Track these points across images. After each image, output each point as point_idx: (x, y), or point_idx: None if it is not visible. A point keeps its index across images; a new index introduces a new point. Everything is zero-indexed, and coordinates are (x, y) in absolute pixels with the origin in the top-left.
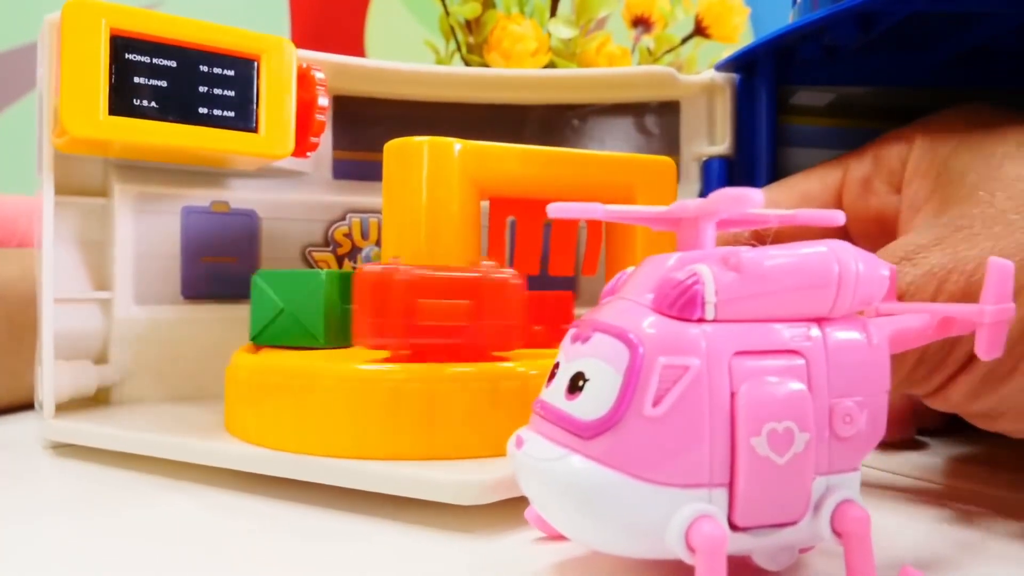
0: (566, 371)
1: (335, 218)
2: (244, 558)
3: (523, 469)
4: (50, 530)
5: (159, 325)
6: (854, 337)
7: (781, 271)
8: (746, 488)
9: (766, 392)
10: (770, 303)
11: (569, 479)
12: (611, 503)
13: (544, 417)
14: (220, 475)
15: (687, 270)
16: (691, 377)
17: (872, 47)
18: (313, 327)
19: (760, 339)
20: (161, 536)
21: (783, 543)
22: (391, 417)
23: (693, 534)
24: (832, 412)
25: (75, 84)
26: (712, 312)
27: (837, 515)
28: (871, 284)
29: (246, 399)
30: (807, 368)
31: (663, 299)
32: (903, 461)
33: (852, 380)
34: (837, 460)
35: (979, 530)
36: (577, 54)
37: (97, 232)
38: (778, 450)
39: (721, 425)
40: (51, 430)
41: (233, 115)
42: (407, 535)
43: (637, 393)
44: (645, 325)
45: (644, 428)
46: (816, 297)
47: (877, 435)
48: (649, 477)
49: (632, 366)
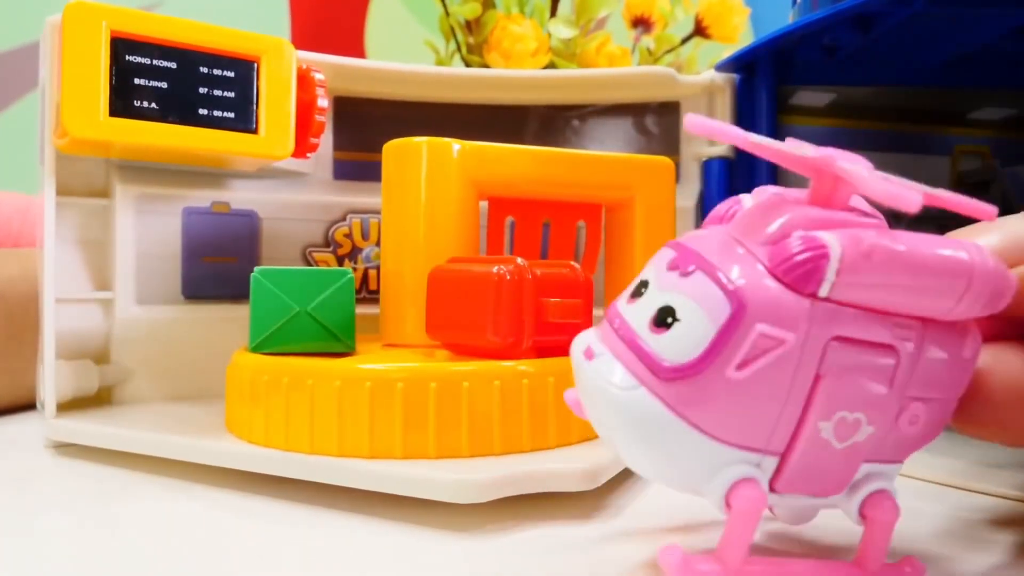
0: (656, 299)
1: (335, 218)
2: (245, 557)
3: (590, 385)
4: (51, 529)
5: (160, 325)
6: (950, 344)
7: (913, 265)
8: (796, 463)
9: (851, 385)
10: (888, 296)
11: (635, 414)
12: (668, 446)
13: (621, 337)
14: (221, 475)
15: (815, 238)
16: (783, 352)
17: (872, 47)
18: (342, 331)
19: (863, 330)
20: (162, 535)
21: (807, 506)
22: (391, 416)
23: (734, 493)
24: (903, 410)
25: (76, 85)
26: (827, 291)
27: (870, 501)
28: (996, 295)
29: (247, 399)
30: (896, 367)
31: (781, 261)
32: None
33: (932, 383)
34: (889, 452)
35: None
36: (577, 54)
37: (98, 232)
38: (840, 437)
39: (796, 401)
40: (53, 429)
41: (233, 116)
42: (406, 534)
43: (725, 352)
44: (752, 284)
45: (722, 387)
46: (938, 300)
47: (933, 435)
48: (710, 431)
49: (729, 325)
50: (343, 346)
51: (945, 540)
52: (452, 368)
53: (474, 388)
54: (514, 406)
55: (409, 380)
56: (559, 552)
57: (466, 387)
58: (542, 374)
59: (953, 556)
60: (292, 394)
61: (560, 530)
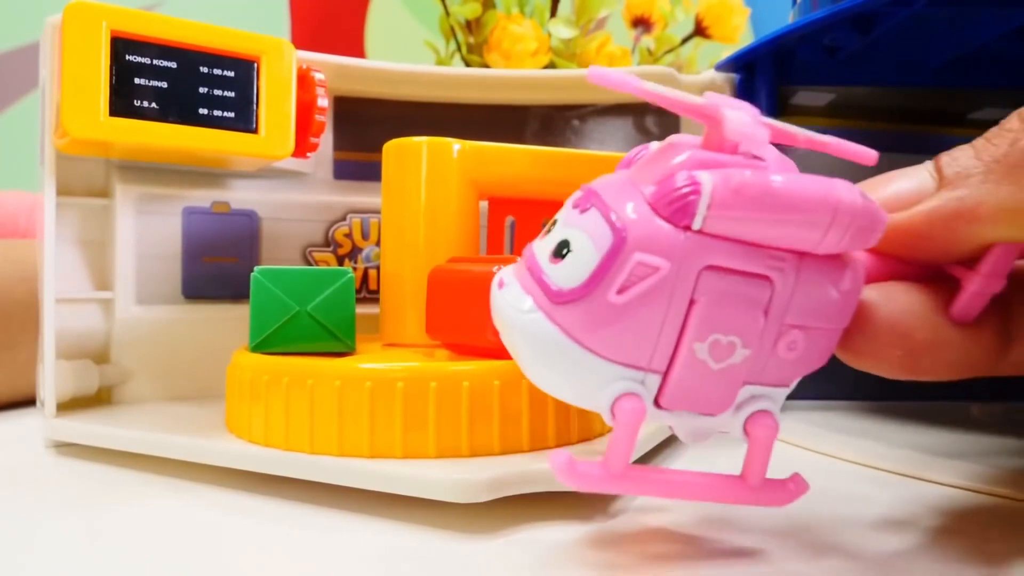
0: (559, 234)
1: (335, 218)
2: (245, 557)
3: (499, 311)
4: (50, 529)
5: (160, 325)
6: (827, 277)
7: (778, 203)
8: (677, 381)
9: (724, 309)
10: (758, 229)
11: (533, 334)
12: (562, 363)
13: (528, 268)
14: (221, 474)
15: (691, 176)
16: (658, 278)
17: (872, 47)
18: (342, 331)
19: (736, 259)
20: (162, 535)
21: (700, 426)
22: (391, 416)
23: (618, 406)
24: (780, 336)
25: (76, 85)
26: (700, 224)
27: (752, 419)
28: (865, 230)
29: (247, 398)
30: (771, 294)
31: (660, 197)
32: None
33: (810, 314)
34: (770, 375)
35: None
36: (577, 54)
37: (98, 232)
38: (716, 358)
39: (672, 324)
40: (53, 429)
41: (233, 116)
42: (406, 534)
43: (607, 278)
44: (634, 218)
45: (604, 310)
46: (807, 231)
47: (818, 363)
48: (598, 351)
49: (610, 254)
50: (343, 346)
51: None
52: (452, 368)
53: (474, 388)
54: (514, 406)
55: (409, 380)
56: (559, 552)
57: (466, 387)
58: None
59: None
60: (292, 394)
61: (560, 530)
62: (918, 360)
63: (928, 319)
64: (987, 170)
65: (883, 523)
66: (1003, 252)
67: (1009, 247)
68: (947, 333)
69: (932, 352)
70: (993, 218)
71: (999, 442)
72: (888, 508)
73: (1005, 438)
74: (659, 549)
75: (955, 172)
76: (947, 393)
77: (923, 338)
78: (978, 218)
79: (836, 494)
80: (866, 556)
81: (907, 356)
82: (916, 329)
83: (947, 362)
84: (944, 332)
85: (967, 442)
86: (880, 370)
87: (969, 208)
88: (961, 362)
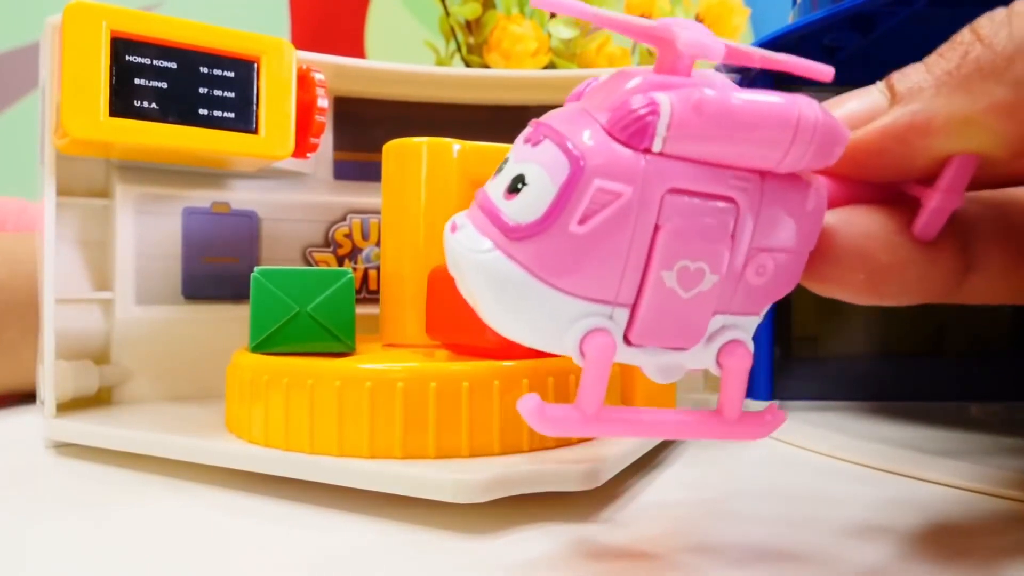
0: (511, 170)
1: (335, 219)
2: (245, 557)
3: (452, 255)
4: (50, 529)
5: (160, 325)
6: (792, 196)
7: (739, 116)
8: (646, 313)
9: (689, 233)
10: (720, 148)
11: (491, 273)
12: (524, 302)
13: (482, 209)
14: (221, 475)
15: (647, 97)
16: (621, 204)
17: (872, 48)
18: (342, 331)
19: (699, 181)
20: (162, 535)
21: (671, 363)
22: (391, 416)
23: (587, 343)
24: (748, 261)
25: (76, 86)
26: (660, 145)
27: (725, 350)
28: (826, 145)
29: (247, 398)
30: (736, 216)
31: (616, 122)
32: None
33: (776, 236)
34: (740, 303)
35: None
36: (577, 55)
37: (98, 233)
38: (685, 286)
39: (638, 253)
40: (53, 429)
41: (233, 116)
42: (406, 534)
43: (567, 209)
44: (591, 145)
45: (566, 242)
46: (768, 149)
47: (785, 289)
48: (561, 286)
49: (568, 183)
50: (343, 346)
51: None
52: (452, 368)
53: (474, 388)
54: (514, 406)
55: (409, 380)
56: (559, 552)
57: (466, 387)
58: (542, 374)
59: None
60: (292, 394)
61: (560, 530)
62: (882, 282)
63: (890, 240)
64: (939, 83)
65: (883, 523)
66: (960, 166)
67: (965, 160)
68: (909, 253)
69: (895, 273)
70: (946, 129)
71: (999, 442)
72: (888, 508)
73: (1005, 438)
74: (657, 550)
75: (907, 88)
76: (947, 393)
77: (886, 260)
78: (931, 131)
79: (836, 494)
80: (865, 556)
81: (870, 279)
82: (878, 251)
83: (909, 284)
84: (906, 252)
85: (967, 442)
86: (845, 295)
87: (922, 121)
88: (923, 282)
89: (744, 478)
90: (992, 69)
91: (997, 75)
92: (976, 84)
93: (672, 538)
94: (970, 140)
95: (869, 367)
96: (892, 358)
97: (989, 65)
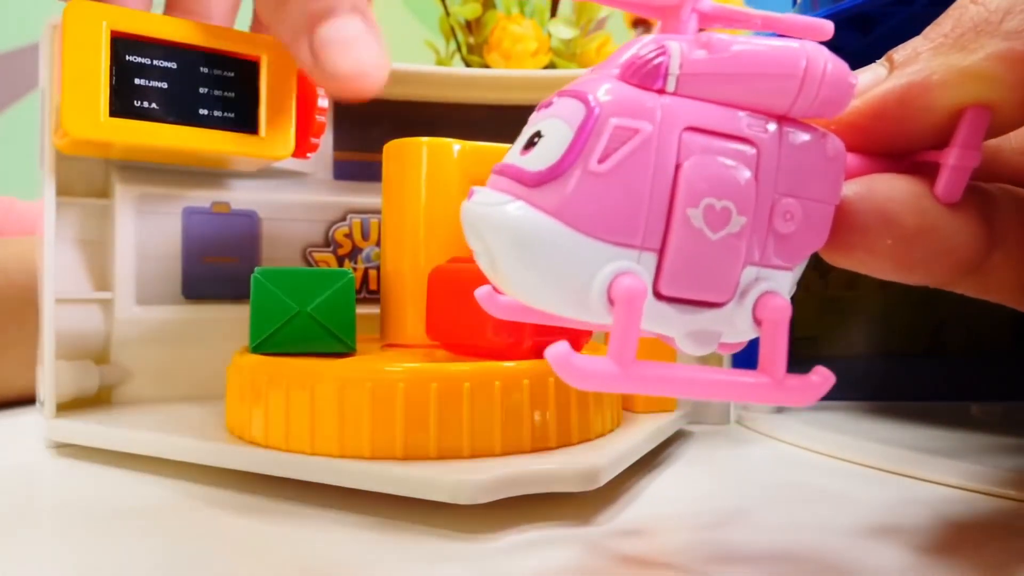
0: (526, 133)
1: (336, 219)
2: (245, 558)
3: (468, 216)
4: (50, 530)
5: (160, 325)
6: (810, 142)
7: (748, 55)
8: (675, 255)
9: (711, 169)
10: (733, 87)
11: (512, 225)
12: (546, 250)
13: (497, 172)
14: (221, 475)
15: (656, 39)
16: (640, 140)
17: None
18: (342, 332)
19: (716, 120)
20: (162, 536)
21: (705, 327)
22: (392, 417)
23: (616, 285)
24: (774, 206)
25: (76, 86)
26: (673, 85)
27: (760, 304)
28: (836, 88)
29: (247, 399)
30: (757, 158)
31: (628, 67)
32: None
33: (800, 181)
34: (771, 255)
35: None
36: (577, 54)
37: (98, 233)
38: (713, 226)
39: (661, 192)
40: (53, 430)
41: (234, 116)
42: (406, 535)
43: (586, 148)
44: (604, 89)
45: (587, 182)
46: (779, 89)
47: (817, 242)
48: (584, 229)
49: (585, 122)
50: (343, 346)
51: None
52: (453, 369)
53: (475, 389)
54: (515, 407)
55: (410, 381)
56: (560, 553)
57: (467, 388)
58: (542, 374)
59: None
60: (292, 394)
61: (561, 531)
62: (910, 248)
63: (915, 203)
64: (935, 46)
65: (883, 523)
66: (973, 119)
67: (977, 113)
68: (935, 216)
69: (922, 238)
70: (944, 82)
71: (999, 442)
72: (888, 508)
73: (1005, 438)
74: (657, 551)
75: (905, 56)
76: (947, 393)
77: (912, 222)
78: (930, 86)
79: (836, 494)
80: (865, 557)
81: (898, 244)
82: (904, 214)
83: (936, 250)
84: (932, 216)
85: (967, 442)
86: (871, 264)
87: (920, 80)
88: (948, 251)
89: (745, 478)
90: (986, 25)
91: (991, 30)
92: (971, 40)
93: (672, 541)
94: (971, 90)
95: (869, 367)
96: (892, 358)
97: (983, 22)
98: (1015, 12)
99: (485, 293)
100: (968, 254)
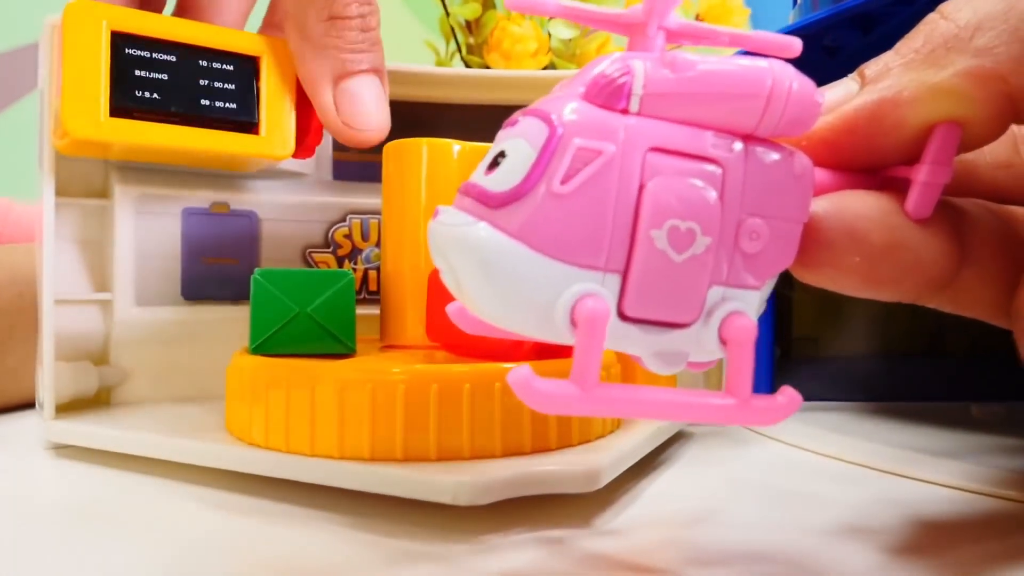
0: (491, 153)
1: (335, 219)
2: (245, 559)
3: (434, 237)
4: (50, 531)
5: (160, 326)
6: (777, 160)
7: (713, 75)
8: (639, 278)
9: (675, 190)
10: (697, 107)
11: (475, 246)
12: (510, 272)
13: (462, 192)
14: (221, 476)
15: (620, 61)
16: (603, 161)
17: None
18: (343, 333)
19: (681, 140)
20: (162, 537)
21: (671, 347)
22: (392, 418)
23: (579, 307)
24: (740, 226)
25: (76, 86)
26: (637, 105)
27: (726, 324)
28: (802, 107)
29: (247, 400)
30: (723, 178)
31: (592, 88)
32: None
33: (767, 200)
34: (737, 275)
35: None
36: (577, 55)
37: (97, 233)
38: (677, 247)
39: (625, 213)
40: (52, 431)
41: (234, 116)
42: (407, 536)
43: (549, 168)
44: (568, 109)
45: (550, 203)
46: (744, 108)
47: (785, 260)
48: (548, 251)
49: (548, 143)
50: (343, 347)
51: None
52: (453, 370)
53: (475, 390)
54: (515, 408)
55: (410, 382)
56: (560, 554)
57: (467, 389)
58: (543, 375)
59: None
60: (292, 395)
61: (561, 532)
62: (877, 266)
63: (883, 220)
64: (906, 61)
65: (884, 524)
66: (943, 135)
67: (948, 130)
68: (904, 233)
69: (890, 255)
70: (914, 99)
71: (999, 442)
72: (889, 509)
73: (1005, 438)
74: (657, 552)
75: (876, 71)
76: (947, 393)
77: (880, 239)
78: (900, 102)
79: (836, 495)
80: (866, 557)
81: (865, 261)
82: (872, 231)
83: (905, 267)
84: (900, 232)
85: (967, 442)
86: (840, 282)
87: (891, 96)
88: (918, 268)
89: (744, 479)
90: (956, 41)
91: (961, 47)
92: (941, 56)
93: (672, 542)
94: (941, 107)
95: (869, 367)
96: (892, 358)
97: (953, 38)
98: (984, 29)
99: (456, 309)
100: (937, 271)
